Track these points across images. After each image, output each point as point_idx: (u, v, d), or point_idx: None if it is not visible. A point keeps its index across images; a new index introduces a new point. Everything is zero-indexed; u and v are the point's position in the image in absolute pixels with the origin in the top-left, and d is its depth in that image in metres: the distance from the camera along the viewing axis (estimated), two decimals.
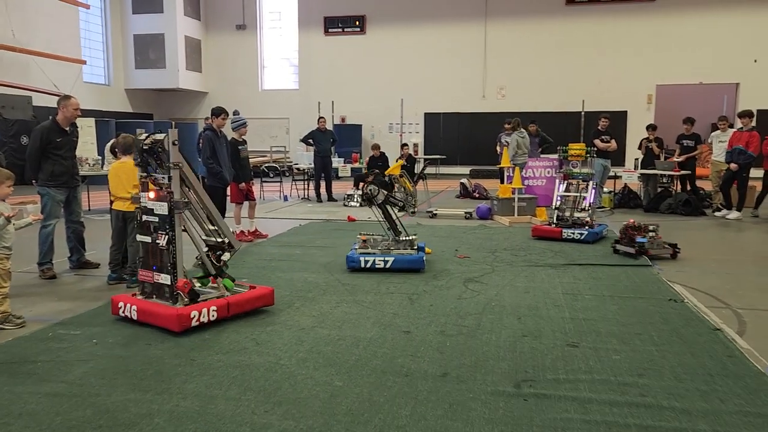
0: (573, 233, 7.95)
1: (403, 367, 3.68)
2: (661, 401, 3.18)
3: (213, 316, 4.45)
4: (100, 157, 11.17)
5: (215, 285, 4.79)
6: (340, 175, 15.07)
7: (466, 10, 20.89)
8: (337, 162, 14.73)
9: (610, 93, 19.91)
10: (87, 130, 12.98)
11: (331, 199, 12.93)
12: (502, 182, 10.98)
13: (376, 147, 13.57)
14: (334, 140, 13.61)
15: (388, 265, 6.19)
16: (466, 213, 10.43)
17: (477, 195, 13.52)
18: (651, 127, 12.37)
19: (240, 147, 8.07)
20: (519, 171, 10.50)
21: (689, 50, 19.36)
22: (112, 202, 6.06)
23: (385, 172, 10.71)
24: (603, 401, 3.19)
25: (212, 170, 7.40)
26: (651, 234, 6.90)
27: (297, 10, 22.39)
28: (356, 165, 14.64)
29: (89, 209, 10.85)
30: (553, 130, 16.13)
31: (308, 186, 13.85)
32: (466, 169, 19.77)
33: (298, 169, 14.59)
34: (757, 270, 6.37)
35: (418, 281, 5.84)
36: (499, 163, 11.44)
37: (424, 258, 6.32)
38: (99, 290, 5.66)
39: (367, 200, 6.62)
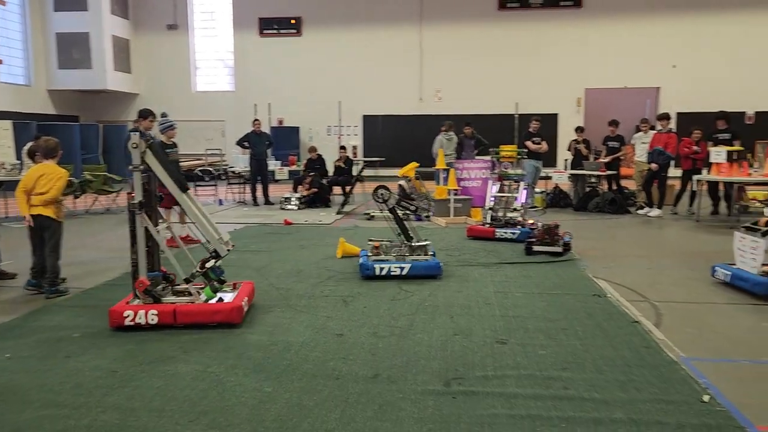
0: (506, 233, 8.15)
1: (335, 370, 3.67)
2: (583, 393, 3.30)
3: (152, 320, 4.34)
4: (18, 162, 10.60)
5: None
6: (277, 178, 14.88)
7: (402, 13, 21.07)
8: (274, 165, 14.53)
9: (542, 96, 20.53)
10: (3, 133, 12.28)
11: (268, 202, 12.75)
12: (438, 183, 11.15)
13: (313, 149, 13.49)
14: (270, 143, 13.43)
15: (404, 272, 5.94)
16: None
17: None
18: (579, 129, 12.85)
19: (168, 150, 7.82)
20: (454, 172, 10.67)
21: (614, 56, 20.23)
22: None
23: (399, 173, 10.70)
24: (528, 395, 3.28)
25: None
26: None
27: (231, 11, 21.97)
28: (294, 168, 14.50)
29: (6, 216, 10.29)
30: (488, 133, 16.49)
31: (244, 189, 13.60)
32: None
33: (233, 172, 14.30)
34: (674, 264, 6.72)
35: (353, 284, 5.84)
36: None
37: (441, 264, 6.13)
38: (14, 302, 5.36)
39: (382, 203, 6.32)
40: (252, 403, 3.22)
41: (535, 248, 7.13)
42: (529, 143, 11.81)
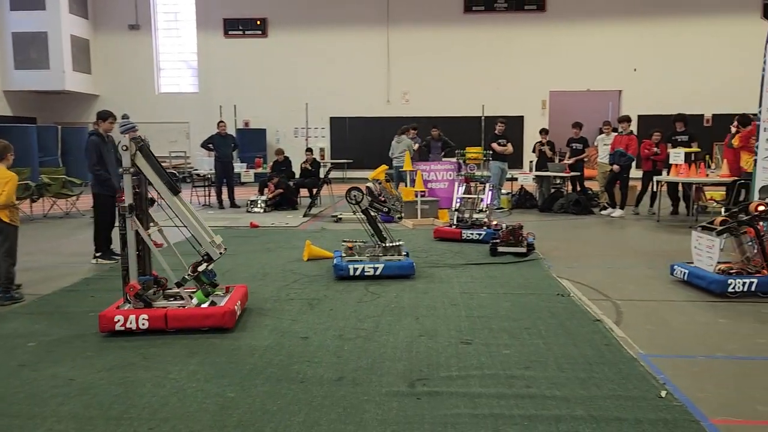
0: (472, 234, 8.21)
1: (299, 373, 3.64)
2: (545, 391, 3.35)
3: (143, 325, 4.28)
4: None
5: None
6: (243, 180, 14.72)
7: (368, 15, 21.09)
8: (239, 167, 14.38)
9: (508, 98, 20.79)
10: None
11: (233, 205, 12.60)
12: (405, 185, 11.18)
13: (279, 152, 13.39)
14: (235, 145, 13.28)
15: (378, 272, 6.01)
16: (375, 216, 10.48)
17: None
18: (543, 131, 13.05)
19: None
20: (420, 174, 10.72)
21: (578, 59, 20.61)
22: None
23: (370, 176, 10.67)
24: (491, 395, 3.31)
25: (99, 177, 6.97)
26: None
27: (194, 11, 21.66)
28: (260, 170, 14.37)
29: None
30: (455, 135, 16.63)
31: (209, 192, 13.42)
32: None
33: (198, 175, 14.09)
34: (635, 263, 6.87)
35: (319, 286, 5.81)
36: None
37: (414, 264, 6.21)
38: None
39: (354, 205, 6.29)
40: (214, 409, 3.17)
41: (500, 249, 7.21)
42: (494, 145, 11.94)
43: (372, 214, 6.33)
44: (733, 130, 9.39)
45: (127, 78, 21.65)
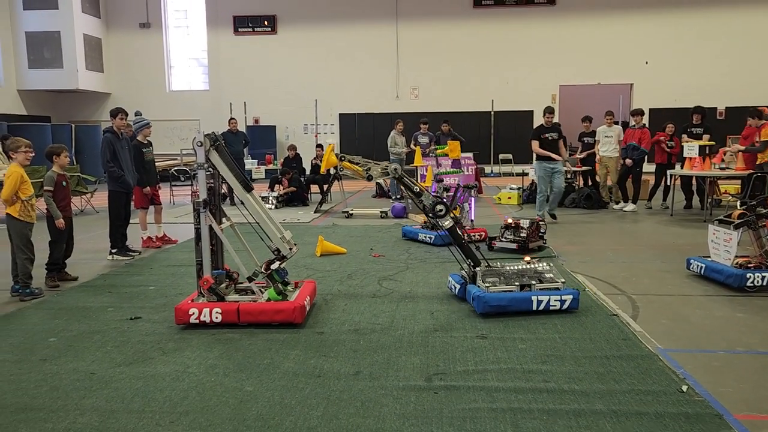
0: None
1: (316, 368, 3.66)
2: (563, 385, 3.34)
3: (216, 318, 4.37)
4: None
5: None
6: (253, 177, 14.77)
7: (377, 11, 21.05)
8: (250, 164, 14.43)
9: (518, 93, 20.71)
10: None
11: None
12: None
13: (292, 148, 13.42)
14: (246, 142, 13.32)
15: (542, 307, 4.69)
16: (381, 212, 10.51)
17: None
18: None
19: (144, 150, 7.71)
20: (431, 169, 10.70)
21: (588, 53, 20.48)
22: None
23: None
24: (509, 389, 3.31)
25: (113, 174, 7.02)
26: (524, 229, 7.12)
27: (204, 9, 21.73)
28: (270, 167, 14.41)
29: None
30: (465, 129, 16.60)
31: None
32: None
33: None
34: (649, 258, 6.83)
35: (333, 282, 5.82)
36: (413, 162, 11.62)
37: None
38: None
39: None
40: (233, 402, 3.19)
41: (531, 245, 7.08)
42: (536, 146, 9.86)
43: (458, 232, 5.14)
44: (752, 122, 9.22)
45: (138, 76, 21.78)
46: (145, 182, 7.68)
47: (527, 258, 5.11)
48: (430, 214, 5.08)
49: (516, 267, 4.95)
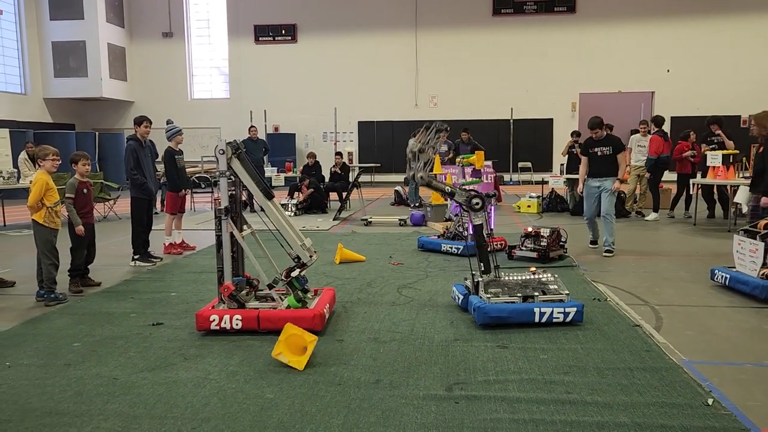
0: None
1: (336, 375, 3.66)
2: (585, 397, 3.30)
3: (237, 325, 4.41)
4: (16, 170, 10.57)
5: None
6: (273, 184, 14.85)
7: (397, 19, 21.16)
8: (270, 171, 14.52)
9: (537, 101, 20.64)
10: (0, 141, 12.27)
11: None
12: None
13: (312, 155, 13.49)
14: (266, 149, 13.43)
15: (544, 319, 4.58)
16: (400, 220, 10.51)
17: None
18: (575, 134, 12.85)
19: (177, 156, 7.85)
20: (450, 177, 10.67)
21: (608, 60, 20.35)
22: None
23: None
24: (530, 400, 3.27)
25: (136, 181, 7.13)
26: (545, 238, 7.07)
27: (226, 19, 22.02)
28: (290, 174, 14.49)
29: (5, 224, 10.23)
30: (484, 137, 16.57)
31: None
32: (400, 177, 19.96)
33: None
34: (672, 268, 6.73)
35: (353, 289, 5.83)
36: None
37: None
38: (13, 310, 5.32)
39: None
40: (254, 409, 3.20)
41: (551, 254, 7.05)
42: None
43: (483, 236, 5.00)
44: None
45: (161, 84, 22.13)
46: (179, 186, 7.81)
47: (532, 268, 5.06)
48: (466, 208, 4.98)
49: (520, 277, 4.84)
